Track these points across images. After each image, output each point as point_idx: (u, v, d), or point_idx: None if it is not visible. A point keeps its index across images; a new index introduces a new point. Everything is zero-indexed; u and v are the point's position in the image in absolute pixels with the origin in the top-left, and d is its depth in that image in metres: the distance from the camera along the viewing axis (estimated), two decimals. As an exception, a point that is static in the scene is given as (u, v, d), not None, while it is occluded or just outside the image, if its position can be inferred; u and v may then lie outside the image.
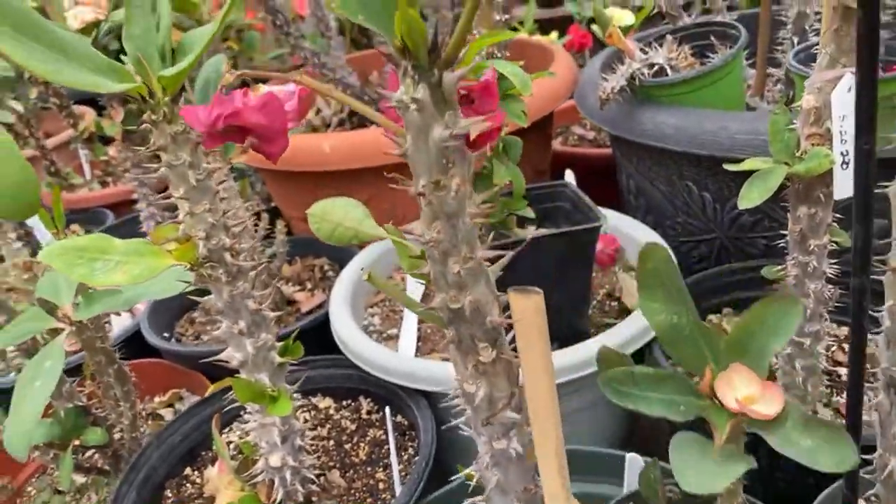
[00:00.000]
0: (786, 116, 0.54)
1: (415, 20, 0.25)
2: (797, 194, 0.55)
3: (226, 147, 0.80)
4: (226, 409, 0.66)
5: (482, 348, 0.32)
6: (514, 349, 0.33)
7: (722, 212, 0.76)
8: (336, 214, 0.35)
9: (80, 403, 0.65)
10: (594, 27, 1.47)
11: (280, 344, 0.53)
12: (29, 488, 0.74)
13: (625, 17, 1.33)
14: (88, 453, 0.70)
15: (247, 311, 0.50)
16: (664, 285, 0.43)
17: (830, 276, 0.57)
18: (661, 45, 0.77)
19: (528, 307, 0.30)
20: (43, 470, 0.75)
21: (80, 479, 0.70)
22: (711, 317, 0.74)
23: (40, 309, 0.59)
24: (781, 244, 0.58)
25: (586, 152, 1.19)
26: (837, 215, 0.55)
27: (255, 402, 0.52)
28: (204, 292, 0.52)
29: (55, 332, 0.57)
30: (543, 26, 1.70)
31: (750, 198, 0.54)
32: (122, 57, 0.43)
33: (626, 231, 0.80)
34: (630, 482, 0.53)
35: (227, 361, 0.54)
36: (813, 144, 0.53)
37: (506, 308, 0.32)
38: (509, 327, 0.32)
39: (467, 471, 0.37)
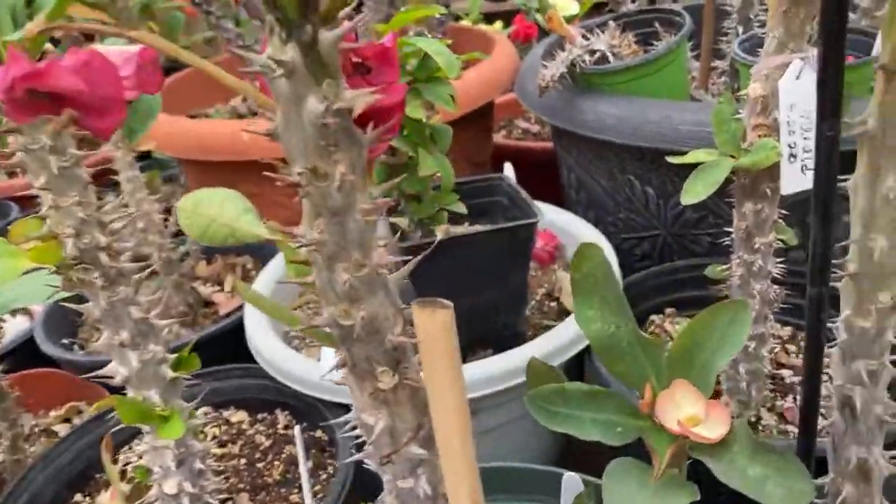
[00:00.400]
0: (731, 106, 0.51)
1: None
2: (743, 189, 0.52)
3: (129, 132, 0.72)
4: (125, 426, 0.59)
5: (381, 373, 0.27)
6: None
7: (665, 208, 0.73)
8: (210, 209, 0.29)
9: (-49, 423, 0.57)
10: (539, 17, 1.43)
11: (173, 356, 0.47)
12: None
13: (569, 6, 1.29)
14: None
15: (130, 320, 0.43)
16: (600, 292, 0.38)
17: (776, 275, 0.54)
18: (603, 32, 0.73)
19: (435, 324, 0.24)
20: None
21: (-45, 507, 0.62)
22: (654, 317, 0.71)
23: None
24: (726, 242, 0.55)
25: (530, 146, 1.15)
26: (783, 212, 0.52)
27: (143, 423, 0.45)
28: (83, 299, 0.45)
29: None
30: (490, 19, 1.65)
31: (694, 192, 0.50)
32: None
33: (566, 228, 0.76)
34: (566, 500, 0.49)
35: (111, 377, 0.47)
36: (759, 136, 0.49)
37: (412, 322, 0.27)
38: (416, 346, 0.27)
39: (372, 510, 0.32)
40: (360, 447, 0.55)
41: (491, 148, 1.02)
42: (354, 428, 0.55)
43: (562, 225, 0.76)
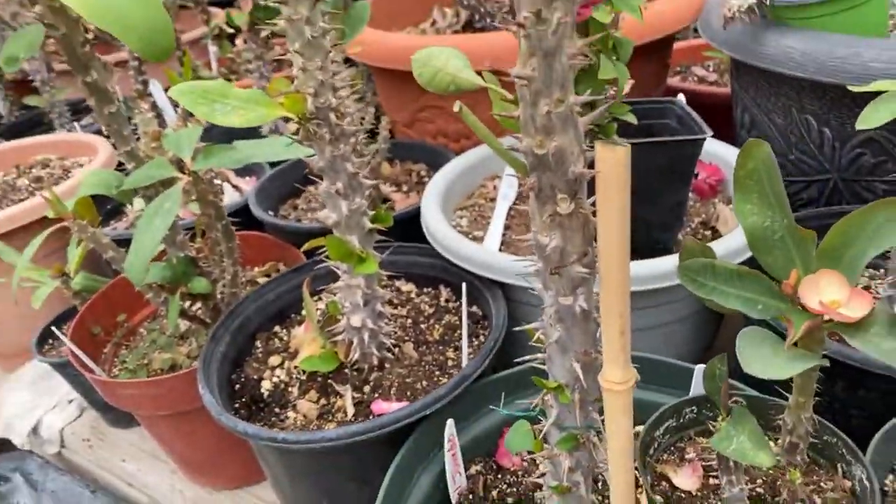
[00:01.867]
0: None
1: None
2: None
3: (343, 34, 0.82)
4: (316, 278, 0.70)
5: (561, 199, 0.33)
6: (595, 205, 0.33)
7: (841, 150, 0.72)
8: (438, 61, 0.36)
9: (190, 255, 0.72)
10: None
11: (372, 212, 0.56)
12: (141, 329, 0.82)
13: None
14: (194, 307, 0.77)
15: (345, 174, 0.53)
16: (761, 186, 0.42)
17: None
18: (801, -35, 0.71)
19: (612, 159, 0.30)
20: (154, 315, 0.83)
21: (184, 325, 0.77)
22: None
23: (164, 159, 0.65)
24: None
25: (703, 90, 1.14)
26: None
27: (344, 261, 0.55)
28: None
29: (175, 181, 0.63)
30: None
31: (871, 119, 0.51)
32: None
33: (731, 162, 0.77)
34: (695, 392, 0.53)
35: (323, 229, 0.57)
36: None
37: (592, 165, 0.33)
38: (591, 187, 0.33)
39: (531, 326, 0.39)
40: (510, 318, 0.62)
41: (664, 84, 1.03)
42: (507, 301, 0.61)
43: (728, 159, 0.77)
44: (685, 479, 0.46)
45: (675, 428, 0.49)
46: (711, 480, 0.46)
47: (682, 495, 0.45)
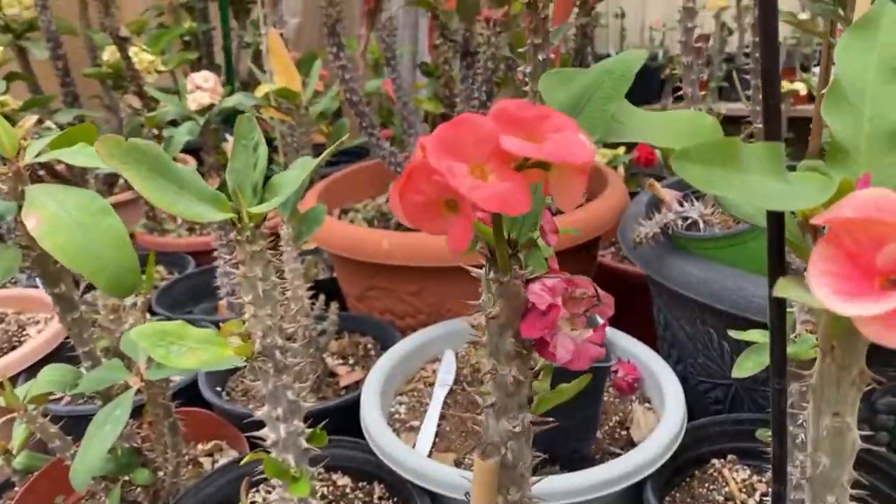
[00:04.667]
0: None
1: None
2: (790, 372, 0.60)
3: (298, 235, 0.91)
4: (256, 475, 0.74)
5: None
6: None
7: (738, 362, 0.80)
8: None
9: (135, 445, 0.75)
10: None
11: (308, 431, 0.61)
12: (78, 509, 0.83)
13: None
14: (134, 491, 0.79)
15: (285, 400, 0.58)
16: None
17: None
18: (699, 200, 0.83)
19: (483, 468, 0.36)
20: (92, 495, 0.84)
21: (122, 510, 0.79)
22: (714, 461, 0.78)
23: (119, 362, 0.69)
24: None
25: (629, 270, 1.24)
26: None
27: (280, 479, 0.60)
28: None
29: (127, 385, 0.67)
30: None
31: (744, 368, 0.60)
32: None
33: (646, 363, 0.85)
34: None
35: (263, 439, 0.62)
36: (807, 331, 0.58)
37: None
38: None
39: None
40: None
41: (594, 272, 1.13)
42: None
43: (642, 359, 0.85)
44: None
45: None
46: None
47: None
